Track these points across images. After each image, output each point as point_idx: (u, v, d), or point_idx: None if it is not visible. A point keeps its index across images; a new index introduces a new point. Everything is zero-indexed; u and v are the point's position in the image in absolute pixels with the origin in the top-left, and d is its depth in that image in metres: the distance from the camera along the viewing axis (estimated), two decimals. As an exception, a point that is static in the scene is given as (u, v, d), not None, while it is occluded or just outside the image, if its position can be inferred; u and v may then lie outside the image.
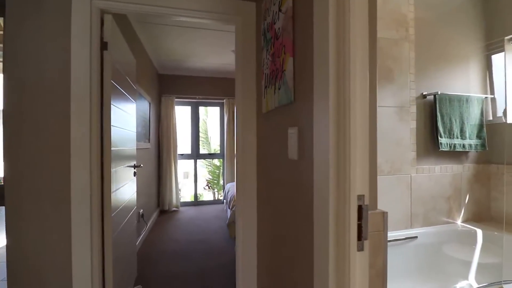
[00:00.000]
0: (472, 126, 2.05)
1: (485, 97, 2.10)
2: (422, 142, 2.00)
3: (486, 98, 2.13)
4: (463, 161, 2.11)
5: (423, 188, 1.99)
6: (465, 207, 2.10)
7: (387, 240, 0.73)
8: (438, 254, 1.91)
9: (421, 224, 1.98)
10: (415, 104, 1.98)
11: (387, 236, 0.73)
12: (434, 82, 2.04)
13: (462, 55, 2.14)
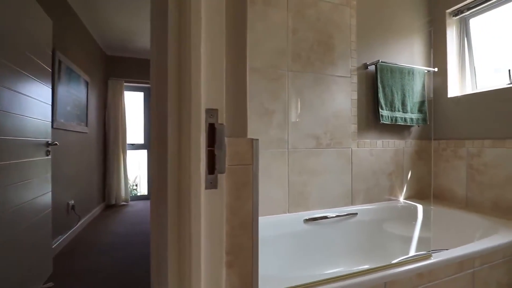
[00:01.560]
0: (414, 99, 2.00)
1: (427, 71, 2.06)
2: (364, 115, 1.90)
3: (429, 72, 2.09)
4: (406, 136, 2.06)
5: (364, 163, 1.89)
6: (407, 184, 2.04)
7: (257, 178, 0.54)
8: (379, 231, 1.81)
9: (362, 201, 1.87)
10: (356, 75, 1.87)
11: (257, 171, 0.54)
12: (376, 52, 1.95)
13: (406, 27, 2.08)
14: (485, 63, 1.97)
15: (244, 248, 0.54)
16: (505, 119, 1.70)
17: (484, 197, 1.79)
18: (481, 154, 1.81)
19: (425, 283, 0.99)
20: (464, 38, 2.08)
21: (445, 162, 2.04)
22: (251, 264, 0.55)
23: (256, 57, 1.60)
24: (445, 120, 2.06)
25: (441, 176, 2.08)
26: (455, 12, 2.06)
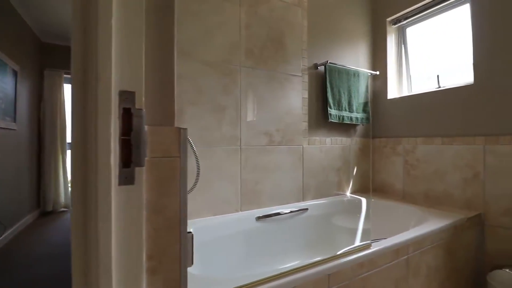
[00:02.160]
0: (359, 100, 2.12)
1: (370, 74, 2.21)
2: (314, 113, 1.96)
3: (371, 75, 2.25)
4: (352, 134, 2.18)
5: (314, 160, 1.95)
6: (353, 179, 2.17)
7: (186, 172, 0.49)
8: (328, 225, 1.88)
9: (312, 196, 1.93)
10: (307, 74, 1.92)
11: (186, 165, 0.49)
12: (326, 54, 2.03)
13: (352, 32, 2.21)
14: (419, 68, 2.19)
15: (170, 251, 0.48)
16: (433, 119, 1.90)
17: (417, 189, 1.99)
18: (414, 151, 2.00)
19: (366, 272, 1.04)
20: (401, 45, 2.28)
21: (385, 158, 2.22)
22: (178, 269, 0.49)
23: (208, 51, 1.54)
24: (385, 119, 2.24)
25: (382, 171, 2.25)
26: (394, 20, 2.25)
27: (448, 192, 1.80)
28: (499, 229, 1.56)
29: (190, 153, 1.29)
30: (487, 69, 1.63)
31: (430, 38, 2.10)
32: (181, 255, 0.50)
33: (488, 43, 1.63)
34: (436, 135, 1.88)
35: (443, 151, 1.83)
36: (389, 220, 1.81)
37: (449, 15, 1.96)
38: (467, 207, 1.70)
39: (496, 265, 1.47)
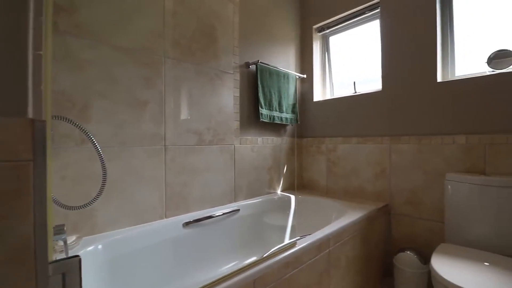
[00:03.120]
0: (289, 101, 2.20)
1: (298, 76, 2.32)
2: (245, 112, 1.94)
3: (299, 77, 2.36)
4: (282, 134, 2.24)
5: (246, 160, 1.93)
6: (283, 177, 2.24)
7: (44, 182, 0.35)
8: (260, 224, 1.88)
9: (244, 196, 1.90)
10: (238, 72, 1.88)
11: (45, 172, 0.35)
12: (257, 53, 2.03)
13: (283, 35, 2.27)
14: (340, 74, 2.40)
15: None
16: (351, 121, 2.10)
17: (338, 185, 2.17)
18: (336, 149, 2.18)
19: (291, 271, 1.04)
20: (325, 52, 2.47)
21: (311, 157, 2.36)
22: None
23: (124, 35, 1.33)
24: (311, 120, 2.38)
25: (309, 169, 2.39)
26: (319, 28, 2.42)
27: (363, 187, 2.02)
28: (401, 217, 1.82)
29: (94, 154, 1.08)
30: (392, 78, 1.88)
31: (349, 48, 2.33)
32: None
33: (392, 56, 1.88)
34: (353, 135, 2.08)
35: (358, 149, 2.04)
36: (314, 214, 1.92)
37: (364, 28, 2.20)
38: (377, 199, 1.93)
39: (400, 248, 1.70)
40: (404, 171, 1.81)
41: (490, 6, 1.61)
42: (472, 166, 1.54)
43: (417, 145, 1.75)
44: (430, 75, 1.71)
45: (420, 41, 1.74)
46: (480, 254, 1.26)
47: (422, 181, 1.72)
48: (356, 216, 1.52)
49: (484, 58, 1.54)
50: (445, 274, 1.10)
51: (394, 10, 1.87)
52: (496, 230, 1.33)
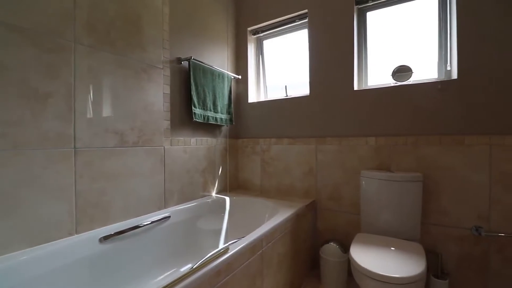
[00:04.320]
0: (224, 101, 2.16)
1: (233, 77, 2.30)
2: (177, 111, 1.81)
3: (235, 78, 2.35)
4: (217, 134, 2.19)
5: (178, 162, 1.80)
6: (218, 178, 2.19)
7: None
8: (193, 230, 1.79)
9: (176, 201, 1.78)
10: (169, 67, 1.74)
11: None
12: (190, 49, 1.92)
13: (219, 34, 2.21)
14: (274, 77, 2.48)
15: None
16: (283, 122, 2.20)
17: (271, 184, 2.24)
18: (269, 150, 2.25)
19: (222, 279, 1.00)
20: (260, 55, 2.52)
21: (246, 157, 2.38)
22: None
23: (18, 11, 1.06)
24: (246, 121, 2.40)
25: (244, 169, 2.40)
26: (253, 31, 2.45)
27: (293, 185, 2.14)
28: (326, 211, 1.99)
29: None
30: (318, 84, 2.04)
31: (282, 53, 2.43)
32: None
33: (317, 64, 2.04)
34: (285, 136, 2.18)
35: (289, 150, 2.15)
36: (249, 215, 1.93)
37: (296, 35, 2.33)
38: (306, 195, 2.07)
39: (325, 240, 1.86)
40: (328, 169, 1.98)
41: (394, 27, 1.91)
42: (380, 163, 1.79)
43: (338, 145, 1.94)
44: (348, 84, 1.91)
45: (340, 52, 1.94)
46: (388, 241, 1.47)
47: (342, 178, 1.92)
48: (287, 214, 1.59)
49: (389, 71, 1.81)
50: (360, 260, 1.24)
51: (319, 22, 2.03)
52: (399, 218, 1.58)
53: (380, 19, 1.94)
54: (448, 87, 1.59)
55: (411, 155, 1.69)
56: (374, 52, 1.96)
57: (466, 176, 1.54)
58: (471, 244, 1.53)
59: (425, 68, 1.77)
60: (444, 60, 1.70)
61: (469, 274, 1.53)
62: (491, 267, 1.48)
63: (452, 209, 1.57)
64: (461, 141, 1.55)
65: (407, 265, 1.19)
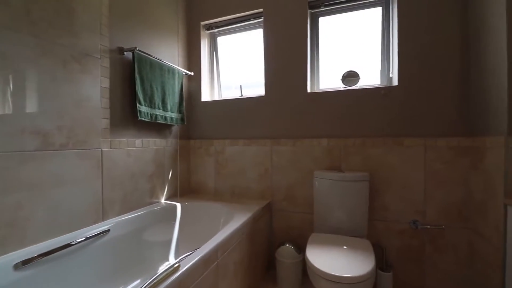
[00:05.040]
0: (174, 99, 1.99)
1: (185, 73, 2.14)
2: (119, 109, 1.60)
3: (187, 74, 2.19)
4: (167, 135, 2.01)
5: (120, 167, 1.59)
6: (168, 183, 2.01)
7: None
8: (139, 243, 1.59)
9: (118, 212, 1.56)
10: (108, 57, 1.52)
11: None
12: (136, 39, 1.71)
13: (169, 24, 2.03)
14: (228, 76, 2.39)
15: None
16: (238, 123, 2.13)
17: (226, 186, 2.16)
18: (223, 151, 2.16)
19: (174, 300, 0.89)
20: (214, 52, 2.40)
21: (200, 159, 2.25)
22: None
23: None
24: (199, 121, 2.27)
25: (197, 171, 2.26)
26: (207, 26, 2.33)
27: (249, 186, 2.09)
28: (281, 212, 1.99)
29: None
30: (273, 85, 2.02)
31: (238, 51, 2.36)
32: None
33: (272, 65, 2.02)
34: (240, 137, 2.12)
35: (245, 151, 2.10)
36: (203, 222, 1.82)
37: (251, 34, 2.28)
38: (262, 197, 2.04)
39: (280, 242, 1.85)
40: (283, 170, 1.98)
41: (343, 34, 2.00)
42: (332, 164, 1.85)
43: (293, 147, 1.95)
44: (302, 86, 1.94)
45: (295, 54, 1.95)
46: (340, 239, 1.52)
47: (297, 178, 1.94)
48: (243, 219, 1.53)
49: (339, 76, 1.88)
50: (315, 262, 1.25)
51: (274, 23, 2.02)
52: (349, 216, 1.64)
53: (331, 25, 2.02)
54: (390, 93, 1.72)
55: (359, 155, 1.78)
56: (325, 57, 2.03)
57: (405, 174, 1.68)
58: (409, 236, 1.68)
59: (370, 74, 1.90)
60: (386, 67, 1.84)
61: (408, 264, 1.68)
62: (426, 256, 1.65)
63: (394, 205, 1.71)
64: (401, 143, 1.69)
65: (358, 264, 1.24)
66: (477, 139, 1.47)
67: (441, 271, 1.62)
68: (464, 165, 1.57)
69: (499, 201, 1.23)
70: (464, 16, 1.56)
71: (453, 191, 1.59)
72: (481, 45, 1.41)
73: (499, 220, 1.23)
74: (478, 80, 1.44)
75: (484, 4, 1.38)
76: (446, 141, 1.60)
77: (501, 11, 1.23)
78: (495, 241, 1.26)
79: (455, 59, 1.58)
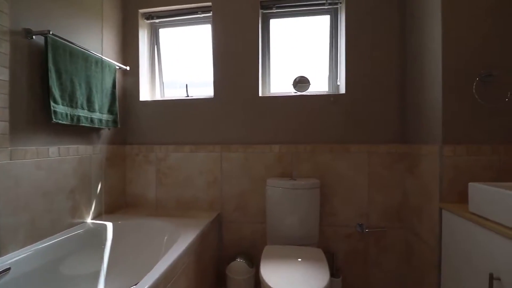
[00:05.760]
0: (104, 97, 1.67)
1: (119, 67, 1.82)
2: (25, 109, 1.24)
3: (121, 69, 1.87)
4: (94, 140, 1.67)
5: (26, 184, 1.23)
6: (97, 198, 1.68)
7: None
8: (54, 280, 1.26)
9: (23, 242, 1.20)
10: (8, 41, 1.16)
11: None
12: (49, 20, 1.36)
13: (97, 6, 1.68)
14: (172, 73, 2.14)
15: None
16: (184, 126, 1.91)
17: (170, 197, 1.92)
18: (166, 158, 1.92)
19: None
20: (155, 45, 2.12)
21: (138, 168, 1.95)
22: None
23: None
24: (138, 124, 1.97)
25: (135, 182, 1.96)
26: (147, 15, 2.04)
27: (196, 197, 1.90)
28: (231, 224, 1.86)
29: None
30: (222, 87, 1.87)
31: (183, 47, 2.13)
32: None
33: (222, 65, 1.87)
34: (186, 143, 1.91)
35: (191, 158, 1.90)
36: (141, 244, 1.56)
37: (199, 29, 2.08)
38: (210, 207, 1.87)
39: (231, 256, 1.72)
40: (234, 178, 1.86)
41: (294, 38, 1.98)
42: (284, 171, 1.80)
43: (244, 153, 1.85)
44: (253, 89, 1.85)
45: (246, 55, 1.84)
46: (294, 251, 1.47)
47: (248, 186, 1.84)
48: (190, 238, 1.35)
49: (289, 81, 1.85)
50: (269, 280, 1.18)
51: (223, 19, 1.87)
52: (301, 224, 1.61)
53: (282, 28, 1.97)
54: (338, 101, 1.76)
55: (309, 162, 1.78)
56: (276, 60, 1.98)
57: (351, 179, 1.74)
58: (356, 240, 1.74)
59: (319, 80, 1.91)
60: (334, 75, 1.88)
61: (355, 267, 1.75)
62: (370, 258, 1.73)
63: (342, 210, 1.75)
64: (349, 149, 1.74)
65: (314, 278, 1.19)
66: (413, 146, 1.60)
67: (384, 271, 1.72)
68: (401, 170, 1.70)
69: (434, 205, 1.34)
70: (404, 34, 1.69)
71: (393, 194, 1.71)
72: (419, 62, 1.52)
73: (434, 222, 1.34)
74: (417, 93, 1.56)
75: (423, 27, 1.49)
76: (387, 147, 1.71)
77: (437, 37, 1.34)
78: (431, 242, 1.37)
79: (397, 72, 1.70)
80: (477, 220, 1.03)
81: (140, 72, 1.98)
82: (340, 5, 1.82)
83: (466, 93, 1.26)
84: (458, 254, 1.16)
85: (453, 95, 1.28)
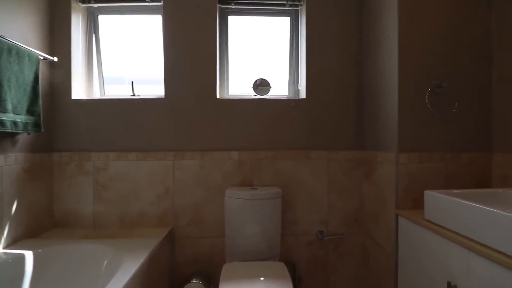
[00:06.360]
0: (21, 94, 1.34)
1: (43, 58, 1.49)
2: None
3: (46, 60, 1.54)
4: (7, 148, 1.33)
5: None
6: (11, 220, 1.33)
7: None
8: None
9: None
10: None
11: None
12: None
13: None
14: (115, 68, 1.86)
15: None
16: (129, 131, 1.66)
17: (111, 214, 1.65)
18: (107, 168, 1.64)
19: None
20: (92, 33, 1.81)
21: (69, 179, 1.63)
22: None
23: None
24: (68, 127, 1.65)
25: (66, 197, 1.64)
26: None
27: (144, 211, 1.66)
28: (185, 239, 1.67)
29: None
30: (175, 86, 1.68)
31: (128, 38, 1.86)
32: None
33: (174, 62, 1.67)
34: (131, 149, 1.66)
35: (138, 167, 1.66)
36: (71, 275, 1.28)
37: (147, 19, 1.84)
38: (161, 222, 1.66)
39: (186, 277, 1.54)
40: (188, 189, 1.68)
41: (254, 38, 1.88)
42: (244, 179, 1.69)
43: (200, 160, 1.68)
44: (211, 90, 1.69)
45: (202, 52, 1.68)
46: (256, 268, 1.36)
47: (205, 197, 1.68)
48: (136, 265, 1.14)
49: (248, 83, 1.74)
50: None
51: (176, 11, 1.67)
52: (262, 236, 1.51)
53: (236, 27, 1.86)
54: (299, 105, 1.71)
55: (270, 169, 1.70)
56: (235, 61, 1.85)
57: (312, 186, 1.71)
58: (317, 247, 1.72)
59: (279, 84, 1.85)
60: (295, 79, 1.83)
61: (316, 274, 1.72)
62: (329, 265, 1.73)
63: (302, 217, 1.71)
64: (309, 156, 1.71)
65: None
66: (369, 152, 1.63)
67: (342, 275, 1.73)
68: (358, 176, 1.73)
69: (390, 211, 1.37)
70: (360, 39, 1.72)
71: (350, 200, 1.73)
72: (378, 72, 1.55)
73: (391, 229, 1.36)
74: (374, 102, 1.59)
75: (381, 43, 1.52)
76: (345, 154, 1.72)
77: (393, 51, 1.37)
78: (387, 248, 1.40)
79: (356, 80, 1.72)
80: (433, 227, 1.06)
81: (72, 65, 1.65)
82: (301, 7, 1.78)
83: (420, 102, 1.31)
84: (415, 261, 1.19)
85: (408, 104, 1.32)
